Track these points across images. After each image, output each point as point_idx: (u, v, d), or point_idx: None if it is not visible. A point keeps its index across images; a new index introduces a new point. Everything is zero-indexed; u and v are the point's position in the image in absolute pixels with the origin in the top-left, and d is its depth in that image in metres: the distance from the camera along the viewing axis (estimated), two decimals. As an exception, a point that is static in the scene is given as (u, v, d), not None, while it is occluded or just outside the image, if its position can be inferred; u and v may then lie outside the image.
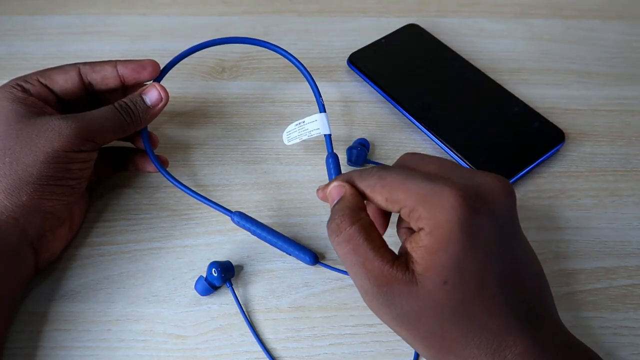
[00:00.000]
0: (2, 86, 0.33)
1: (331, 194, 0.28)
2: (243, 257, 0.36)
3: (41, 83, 0.34)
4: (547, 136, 0.41)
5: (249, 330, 0.33)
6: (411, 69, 0.47)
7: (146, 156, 0.38)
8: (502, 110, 0.43)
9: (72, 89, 0.35)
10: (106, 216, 0.38)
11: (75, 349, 0.32)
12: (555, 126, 0.42)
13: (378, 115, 0.45)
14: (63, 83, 0.34)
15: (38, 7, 0.54)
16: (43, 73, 0.34)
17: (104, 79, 0.35)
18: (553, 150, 0.41)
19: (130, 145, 0.39)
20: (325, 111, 0.39)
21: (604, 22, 0.53)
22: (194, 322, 0.33)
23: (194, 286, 0.34)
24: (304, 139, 0.39)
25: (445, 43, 0.49)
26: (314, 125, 0.38)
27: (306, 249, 0.35)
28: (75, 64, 0.35)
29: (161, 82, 0.38)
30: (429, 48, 0.49)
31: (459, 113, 0.43)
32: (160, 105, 0.36)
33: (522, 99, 0.44)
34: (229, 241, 0.37)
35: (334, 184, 0.28)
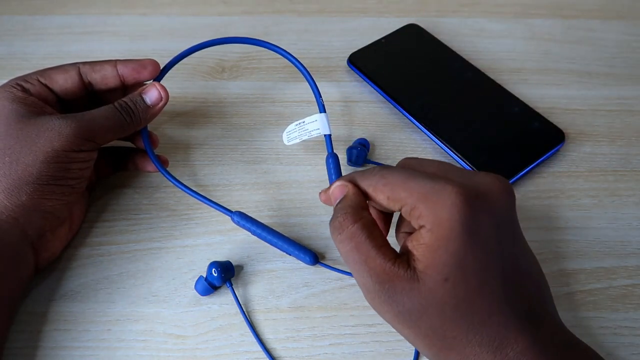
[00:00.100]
0: (2, 86, 0.33)
1: (334, 194, 0.28)
2: (243, 257, 0.36)
3: (41, 83, 0.34)
4: (547, 136, 0.41)
5: (249, 330, 0.33)
6: (411, 69, 0.47)
7: (146, 156, 0.38)
8: (502, 110, 0.43)
9: (72, 89, 0.35)
10: (106, 216, 0.38)
11: (75, 349, 0.32)
12: (555, 126, 0.42)
13: (378, 115, 0.45)
14: (63, 83, 0.34)
15: (38, 7, 0.54)
16: (43, 73, 0.34)
17: (103, 78, 0.35)
18: (553, 150, 0.41)
19: (131, 145, 0.39)
20: (325, 111, 0.38)
21: (604, 22, 0.53)
22: (194, 322, 0.33)
23: (194, 286, 0.34)
24: (304, 139, 0.39)
25: (445, 43, 0.49)
26: (314, 125, 0.38)
27: (306, 249, 0.35)
28: (75, 63, 0.35)
29: (161, 82, 0.38)
30: (429, 48, 0.49)
31: (459, 113, 0.43)
32: (160, 104, 0.36)
33: (522, 99, 0.44)
34: (229, 241, 0.37)
35: (337, 183, 0.28)
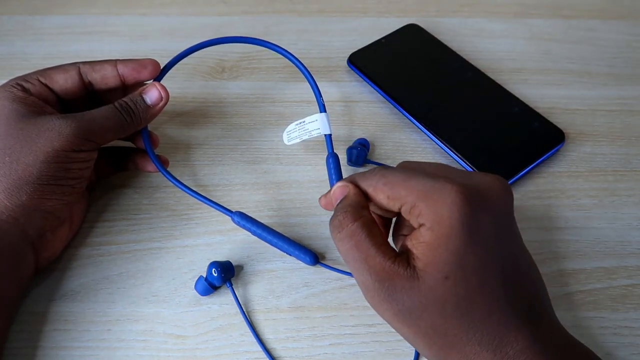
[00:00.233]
0: (2, 85, 0.33)
1: (335, 194, 0.28)
2: (243, 257, 0.36)
3: (41, 82, 0.34)
4: (547, 136, 0.41)
5: (249, 330, 0.33)
6: (411, 69, 0.47)
7: (146, 156, 0.38)
8: (502, 110, 0.43)
9: (72, 89, 0.35)
10: (106, 216, 0.38)
11: (75, 349, 0.32)
12: (555, 126, 0.42)
13: (378, 115, 0.45)
14: (63, 82, 0.34)
15: (38, 7, 0.54)
16: (43, 72, 0.34)
17: (104, 78, 0.35)
18: (553, 150, 0.41)
19: (131, 145, 0.39)
20: (325, 111, 0.39)
21: (604, 22, 0.53)
22: (194, 322, 0.33)
23: (194, 286, 0.34)
24: (304, 139, 0.39)
25: (445, 43, 0.49)
26: (314, 125, 0.38)
27: (306, 249, 0.35)
28: (75, 63, 0.35)
29: (161, 82, 0.38)
30: (429, 48, 0.49)
31: (458, 113, 0.43)
32: (161, 104, 0.36)
33: (522, 99, 0.44)
34: (229, 241, 0.37)
35: (338, 184, 0.28)
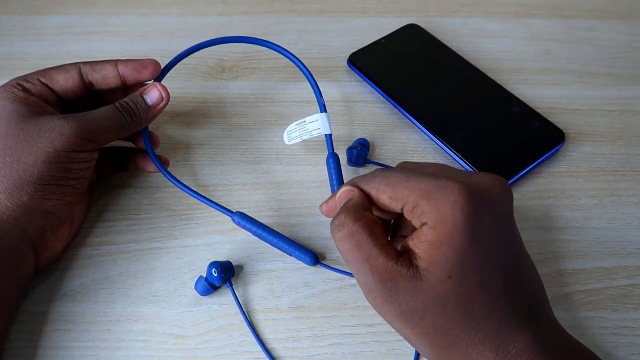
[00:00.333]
0: (3, 86, 0.33)
1: (340, 198, 0.28)
2: (243, 257, 0.36)
3: (42, 82, 0.34)
4: (547, 136, 0.41)
5: (249, 330, 0.33)
6: (411, 69, 0.47)
7: (147, 156, 0.38)
8: (502, 110, 0.43)
9: (73, 89, 0.35)
10: (106, 216, 0.38)
11: (75, 349, 0.32)
12: (555, 126, 0.42)
13: (378, 115, 0.45)
14: (64, 82, 0.34)
15: (38, 7, 0.54)
16: (44, 72, 0.34)
17: (104, 78, 0.35)
18: (553, 150, 0.41)
19: (131, 145, 0.39)
20: (326, 111, 0.39)
21: (604, 22, 0.53)
22: (194, 322, 0.33)
23: (194, 286, 0.34)
24: (304, 139, 0.39)
25: (445, 43, 0.49)
26: (315, 125, 0.38)
27: (307, 250, 0.35)
28: (76, 63, 0.35)
29: (161, 82, 0.38)
30: (429, 48, 0.49)
31: (458, 113, 0.43)
32: (161, 105, 0.36)
33: (522, 99, 0.44)
34: (229, 241, 0.37)
35: (343, 188, 0.28)
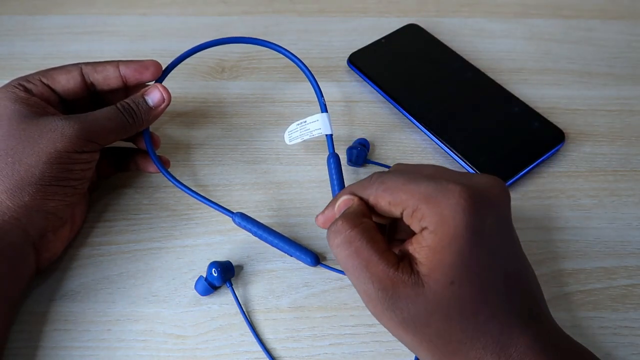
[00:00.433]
0: (4, 86, 0.33)
1: (339, 207, 0.28)
2: (243, 257, 0.36)
3: (43, 83, 0.34)
4: (547, 136, 0.41)
5: (249, 330, 0.33)
6: (411, 69, 0.47)
7: (147, 156, 0.38)
8: (502, 110, 0.43)
9: (74, 89, 0.35)
10: (107, 216, 0.38)
11: (75, 349, 0.32)
12: (555, 126, 0.42)
13: (378, 115, 0.45)
14: (65, 83, 0.34)
15: (38, 7, 0.54)
16: (45, 73, 0.34)
17: (106, 79, 0.35)
18: (553, 150, 0.41)
19: (132, 146, 0.39)
20: (327, 111, 0.39)
21: (604, 22, 0.53)
22: (194, 322, 0.33)
23: (194, 286, 0.34)
24: (305, 139, 0.39)
25: (445, 43, 0.49)
26: (316, 125, 0.38)
27: (307, 250, 0.35)
28: (78, 64, 0.35)
29: (162, 83, 0.38)
30: (429, 48, 0.49)
31: (458, 113, 0.43)
32: (163, 106, 0.36)
33: (522, 99, 0.44)
34: (229, 241, 0.37)
35: (343, 197, 0.28)
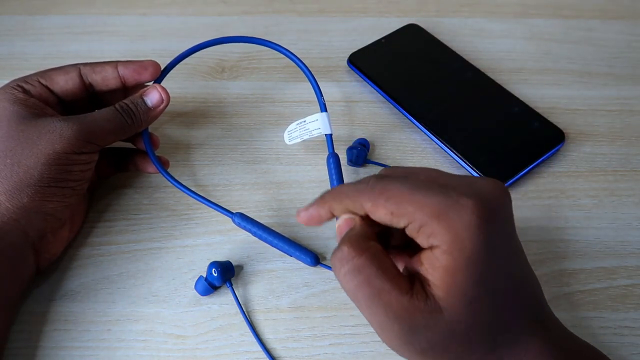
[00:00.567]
0: (3, 87, 0.33)
1: (340, 228, 0.26)
2: (243, 257, 0.36)
3: (42, 84, 0.34)
4: (547, 136, 0.41)
5: (249, 330, 0.33)
6: (411, 69, 0.47)
7: (147, 157, 0.38)
8: (502, 110, 0.43)
9: (73, 90, 0.35)
10: (106, 216, 0.38)
11: (75, 349, 0.32)
12: (555, 126, 0.42)
13: (378, 115, 0.45)
14: (64, 84, 0.34)
15: (38, 7, 0.54)
16: (43, 74, 0.34)
17: (104, 79, 0.35)
18: (553, 150, 0.41)
19: (131, 146, 0.39)
20: (326, 110, 0.39)
21: (604, 22, 0.53)
22: (194, 322, 0.33)
23: (194, 286, 0.34)
24: (304, 139, 0.39)
25: (445, 43, 0.49)
26: (315, 124, 0.38)
27: (308, 251, 0.35)
28: (76, 64, 0.35)
29: (161, 83, 0.38)
30: (429, 48, 0.49)
31: (459, 113, 0.43)
32: (162, 106, 0.36)
33: (522, 99, 0.44)
34: (229, 241, 0.37)
35: (343, 217, 0.25)
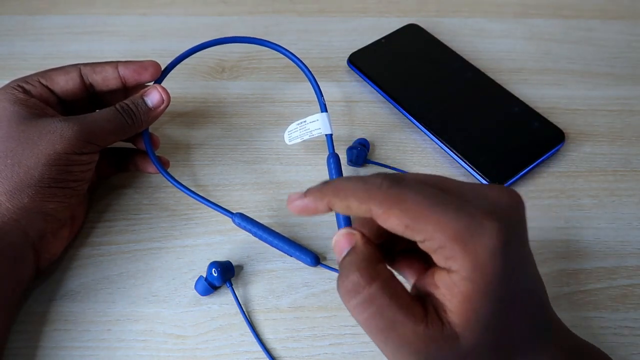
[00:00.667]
0: (3, 87, 0.33)
1: (339, 244, 0.23)
2: (243, 257, 0.36)
3: (42, 84, 0.34)
4: (547, 136, 0.41)
5: (249, 330, 0.33)
6: (411, 69, 0.47)
7: (147, 157, 0.38)
8: (502, 110, 0.43)
9: (73, 90, 0.35)
10: (106, 216, 0.38)
11: (75, 349, 0.32)
12: (555, 126, 0.42)
13: (378, 115, 0.45)
14: (64, 84, 0.34)
15: (38, 7, 0.54)
16: (44, 74, 0.34)
17: (104, 80, 0.35)
18: (553, 150, 0.41)
19: (131, 146, 0.39)
20: (326, 111, 0.39)
21: (604, 22, 0.53)
22: (194, 322, 0.33)
23: (194, 286, 0.34)
24: (305, 139, 0.39)
25: (445, 43, 0.49)
26: (315, 124, 0.38)
27: (307, 250, 0.35)
28: (76, 64, 0.35)
29: (162, 83, 0.38)
30: (429, 48, 0.49)
31: (458, 113, 0.43)
32: (162, 107, 0.36)
33: (522, 99, 0.44)
34: (229, 241, 0.37)
35: (342, 232, 0.23)
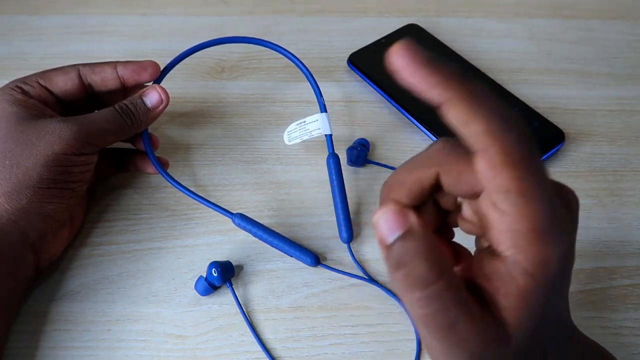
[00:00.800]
0: (2, 88, 0.33)
1: (388, 223, 0.19)
2: (243, 257, 0.36)
3: (41, 85, 0.34)
4: (547, 136, 0.41)
5: (249, 330, 0.33)
6: (411, 69, 0.46)
7: (146, 157, 0.38)
8: (502, 110, 0.43)
9: (72, 91, 0.35)
10: (106, 216, 0.38)
11: (75, 349, 0.32)
12: (555, 126, 0.42)
13: (378, 115, 0.45)
14: (63, 85, 0.34)
15: (38, 7, 0.54)
16: (43, 74, 0.34)
17: (103, 80, 0.35)
18: (553, 150, 0.41)
19: (131, 147, 0.39)
20: (326, 111, 0.39)
21: (604, 22, 0.53)
22: (194, 322, 0.33)
23: (194, 286, 0.34)
24: (304, 139, 0.39)
25: (445, 43, 0.49)
26: (315, 125, 0.38)
27: (307, 251, 0.35)
28: (75, 65, 0.35)
29: (161, 83, 0.38)
30: (429, 48, 0.48)
31: (459, 113, 0.43)
32: (161, 107, 0.36)
33: (522, 99, 0.44)
34: (229, 241, 0.37)
35: (390, 209, 0.20)
